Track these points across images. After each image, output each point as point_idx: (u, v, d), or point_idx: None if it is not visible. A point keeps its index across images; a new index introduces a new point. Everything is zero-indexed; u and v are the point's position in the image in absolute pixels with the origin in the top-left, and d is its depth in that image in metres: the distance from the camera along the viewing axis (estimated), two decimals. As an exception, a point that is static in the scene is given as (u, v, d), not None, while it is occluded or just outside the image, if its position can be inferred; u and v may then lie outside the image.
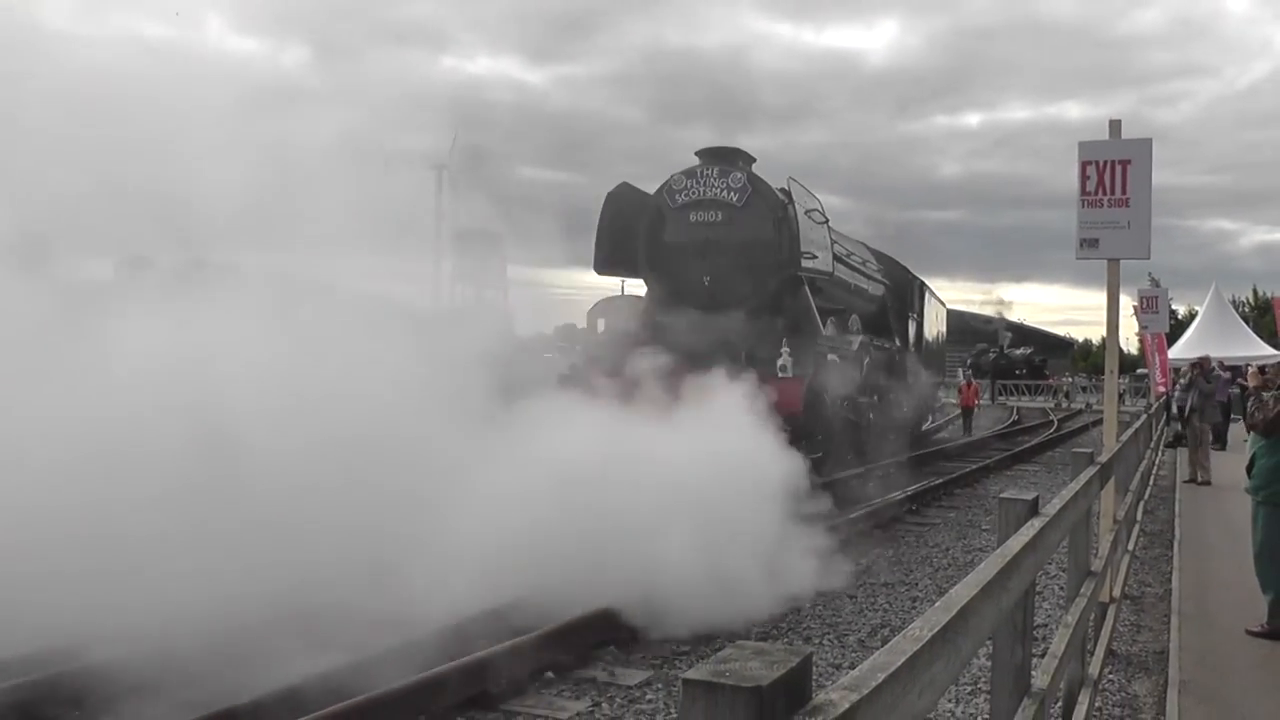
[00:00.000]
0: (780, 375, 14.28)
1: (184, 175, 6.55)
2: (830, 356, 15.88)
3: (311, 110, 10.54)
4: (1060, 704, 5.47)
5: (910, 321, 25.64)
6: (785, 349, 14.53)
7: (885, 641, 2.03)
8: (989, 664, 4.21)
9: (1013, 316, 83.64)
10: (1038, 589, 6.38)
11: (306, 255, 8.24)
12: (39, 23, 6.16)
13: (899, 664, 1.89)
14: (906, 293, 25.54)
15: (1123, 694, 7.20)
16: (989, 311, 77.19)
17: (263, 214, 7.11)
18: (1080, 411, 48.41)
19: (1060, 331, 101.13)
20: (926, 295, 28.01)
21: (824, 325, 17.09)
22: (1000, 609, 2.97)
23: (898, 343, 23.85)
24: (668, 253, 16.53)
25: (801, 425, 13.62)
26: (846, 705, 1.63)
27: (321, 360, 8.54)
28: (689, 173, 16.46)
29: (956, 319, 76.37)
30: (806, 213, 16.45)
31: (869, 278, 22.43)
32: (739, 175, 16.24)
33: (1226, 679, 7.15)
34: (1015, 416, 43.51)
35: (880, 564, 11.44)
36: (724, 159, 16.53)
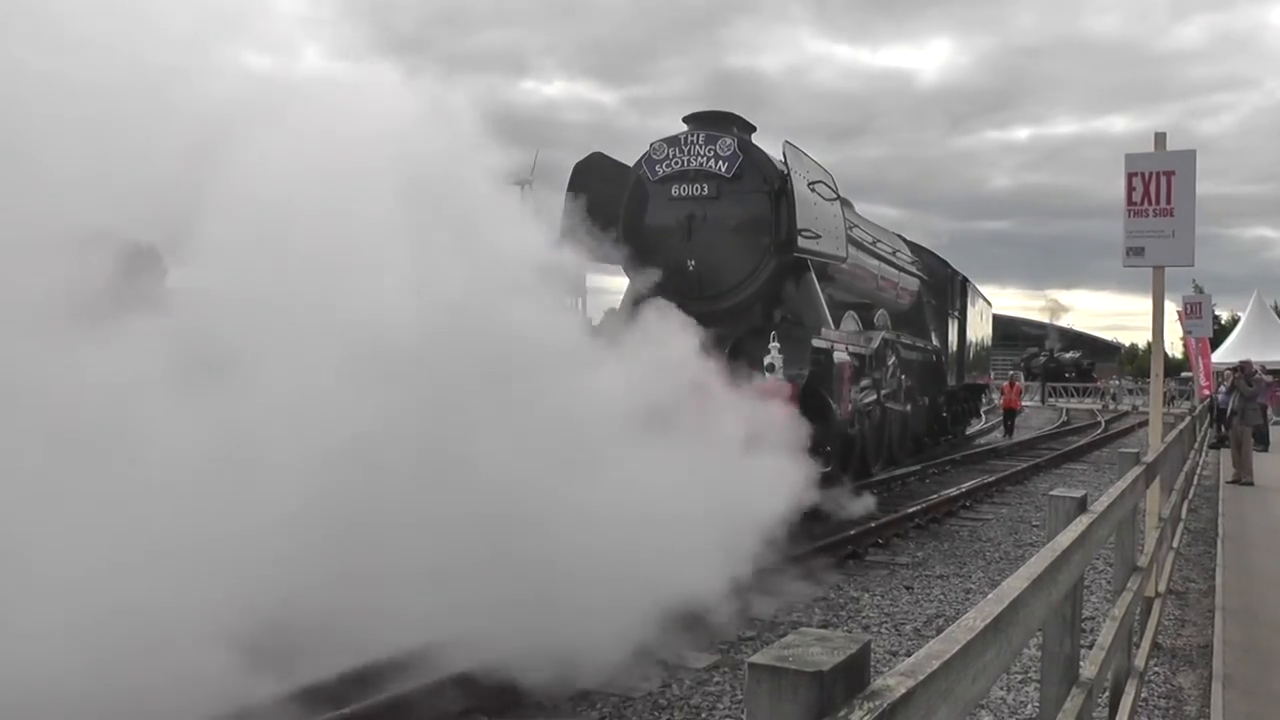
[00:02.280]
0: (769, 377, 11.33)
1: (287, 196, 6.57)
2: (840, 356, 12.77)
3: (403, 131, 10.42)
4: (1108, 694, 5.38)
5: (950, 320, 22.85)
6: (774, 345, 11.42)
7: (940, 631, 2.02)
8: (1039, 654, 4.16)
9: (1068, 319, 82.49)
10: (1086, 583, 6.29)
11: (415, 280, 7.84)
12: (151, 59, 6.22)
13: (953, 652, 1.88)
14: (946, 289, 22.71)
15: (1168, 686, 7.06)
16: (1044, 315, 76.17)
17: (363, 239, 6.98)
18: (1127, 413, 47.52)
19: (1108, 336, 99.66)
20: (969, 293, 25.00)
21: (841, 320, 14.55)
22: (1050, 601, 2.94)
23: (935, 342, 21.40)
24: (648, 234, 13.19)
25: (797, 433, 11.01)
26: (903, 690, 1.63)
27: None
28: (672, 140, 13.09)
29: (1006, 324, 75.70)
30: (811, 186, 13.06)
31: (900, 269, 19.49)
32: (728, 142, 12.81)
33: (1270, 673, 6.99)
34: (1064, 418, 42.82)
35: (935, 557, 11.34)
36: (714, 124, 13.19)
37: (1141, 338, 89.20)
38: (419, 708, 5.71)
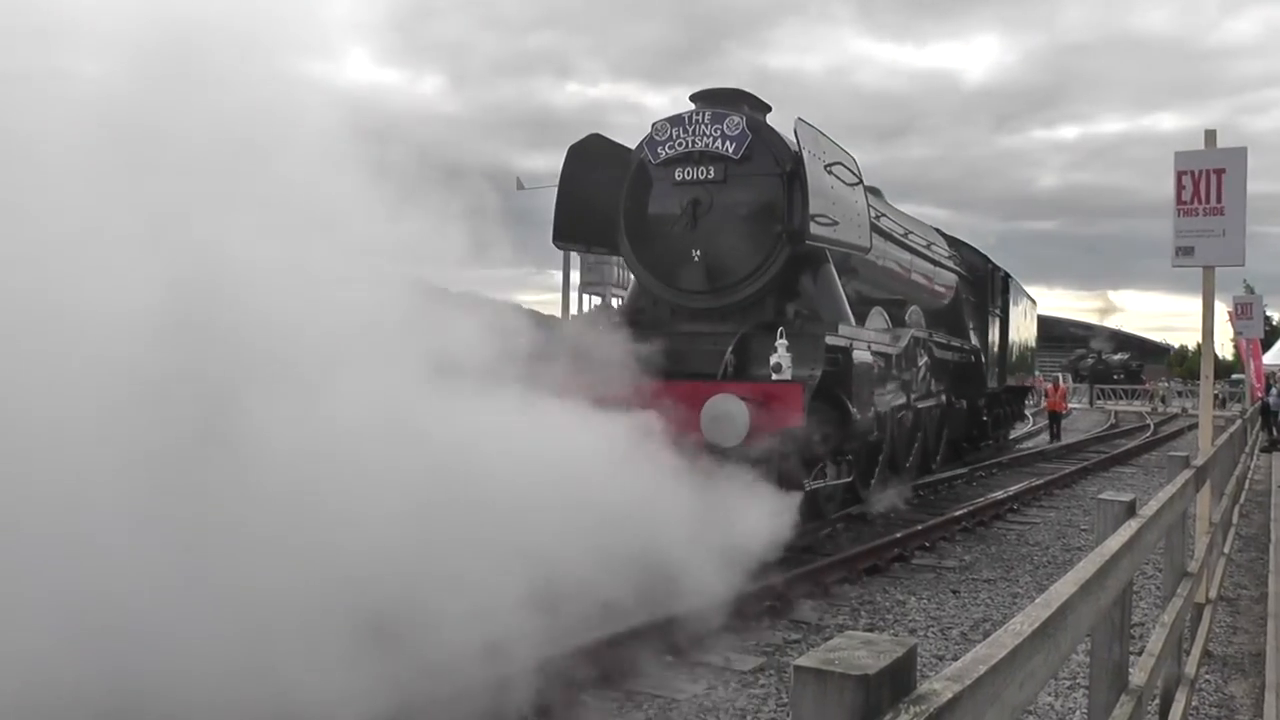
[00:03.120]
0: (775, 378, 9.98)
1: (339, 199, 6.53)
2: (861, 355, 11.42)
3: (449, 134, 10.30)
4: (1157, 702, 5.31)
5: (991, 318, 21.55)
6: (781, 342, 10.04)
7: (987, 635, 2.00)
8: (1087, 660, 4.11)
9: (1116, 320, 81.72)
10: (1135, 588, 6.21)
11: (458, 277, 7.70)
12: (200, 72, 6.21)
13: (1000, 657, 1.86)
14: (986, 285, 21.41)
15: (1219, 694, 6.95)
16: (1096, 315, 75.51)
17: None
18: (1176, 416, 46.87)
19: (1157, 337, 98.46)
20: (1012, 290, 23.52)
21: (867, 317, 13.20)
22: (1098, 606, 2.91)
23: (974, 342, 20.06)
24: (651, 223, 11.97)
25: (806, 441, 10.06)
26: (949, 695, 1.62)
27: None
28: (675, 119, 11.74)
29: (1053, 324, 74.92)
30: (828, 168, 11.56)
31: (936, 264, 18.13)
32: (736, 120, 11.44)
33: (1324, 679, 6.86)
34: (1113, 420, 42.32)
35: (982, 561, 11.25)
36: (722, 102, 11.84)
37: (1191, 339, 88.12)
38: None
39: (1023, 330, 25.24)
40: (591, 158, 12.41)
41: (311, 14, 7.14)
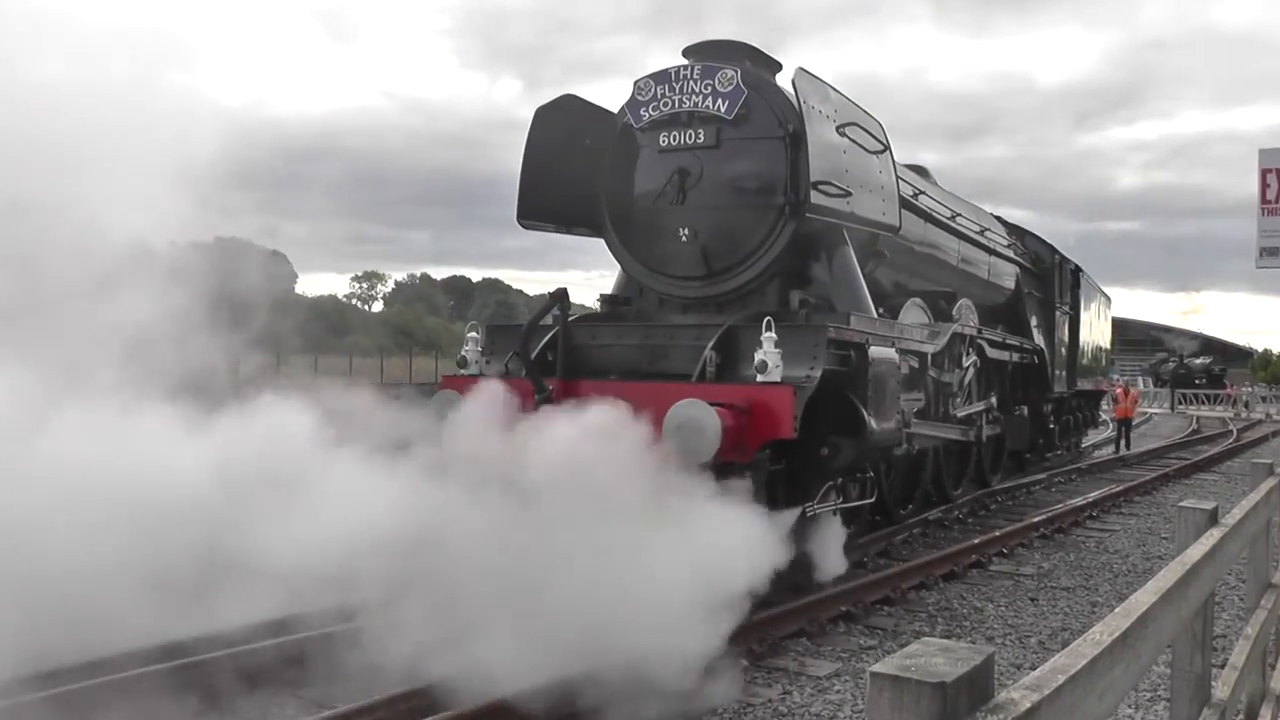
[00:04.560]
0: (760, 379, 8.12)
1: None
2: (882, 353, 9.34)
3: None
4: (1241, 717, 5.19)
5: (1059, 316, 19.60)
6: (769, 335, 8.16)
7: (1066, 644, 1.98)
8: (1168, 671, 4.04)
9: (1201, 320, 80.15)
10: (1217, 599, 6.07)
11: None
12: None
13: (1079, 666, 1.85)
14: (1053, 279, 19.42)
15: (1307, 706, 6.77)
16: (1183, 316, 74.00)
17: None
18: (1260, 421, 45.62)
19: (1240, 340, 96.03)
20: (1083, 285, 21.47)
21: (901, 310, 11.43)
22: (1179, 617, 2.87)
23: (1038, 341, 18.00)
24: (635, 197, 10.10)
25: (801, 453, 8.56)
26: (1028, 705, 1.62)
27: None
28: (660, 76, 9.78)
29: (1133, 327, 73.36)
30: (841, 129, 9.60)
31: (991, 252, 16.22)
32: (730, 74, 9.50)
33: None
34: (1194, 426, 41.34)
35: (1061, 568, 11.07)
36: (717, 56, 9.85)
37: (1276, 342, 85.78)
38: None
39: (1095, 329, 23.36)
40: (566, 122, 10.51)
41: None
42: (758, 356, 8.15)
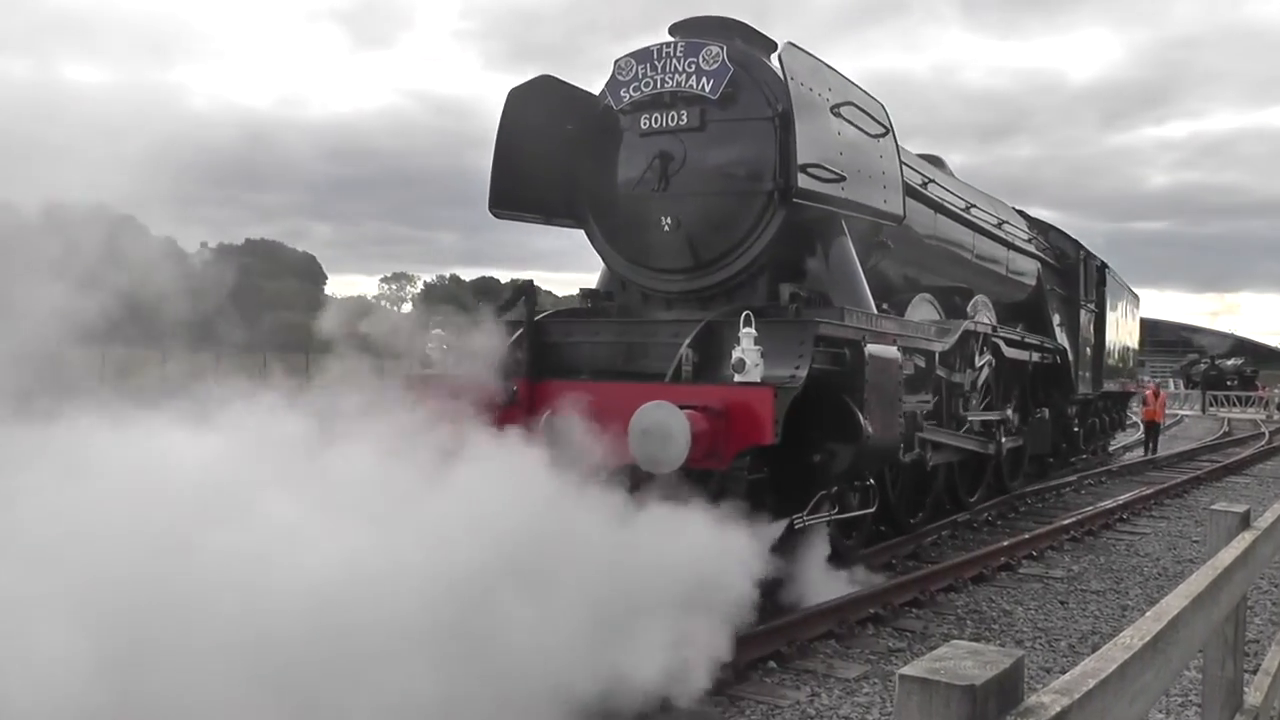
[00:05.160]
0: (738, 379, 7.46)
1: None
2: (880, 351, 8.63)
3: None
4: (1274, 720, 5.14)
5: (1083, 314, 18.72)
6: (747, 331, 7.53)
7: (1096, 648, 1.97)
8: (1199, 677, 4.01)
9: (1232, 321, 79.45)
10: (1249, 603, 6.02)
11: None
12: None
13: (1110, 671, 1.84)
14: (1077, 275, 18.55)
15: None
16: (1208, 318, 73.31)
17: None
18: (1294, 424, 45.13)
19: (1272, 341, 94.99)
20: (1109, 282, 20.61)
21: (909, 305, 10.91)
22: (1211, 621, 2.85)
23: (1061, 340, 17.19)
24: (617, 185, 9.43)
25: (791, 460, 7.98)
26: (1058, 709, 1.61)
27: None
28: (642, 54, 9.11)
29: (1163, 328, 72.67)
30: (836, 109, 8.94)
31: (1010, 246, 15.37)
32: (715, 51, 8.80)
33: None
34: (1226, 428, 40.92)
35: (1091, 571, 10.99)
36: (705, 33, 9.18)
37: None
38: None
39: (1122, 329, 22.47)
40: (544, 105, 9.71)
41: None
42: (735, 354, 7.51)
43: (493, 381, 8.24)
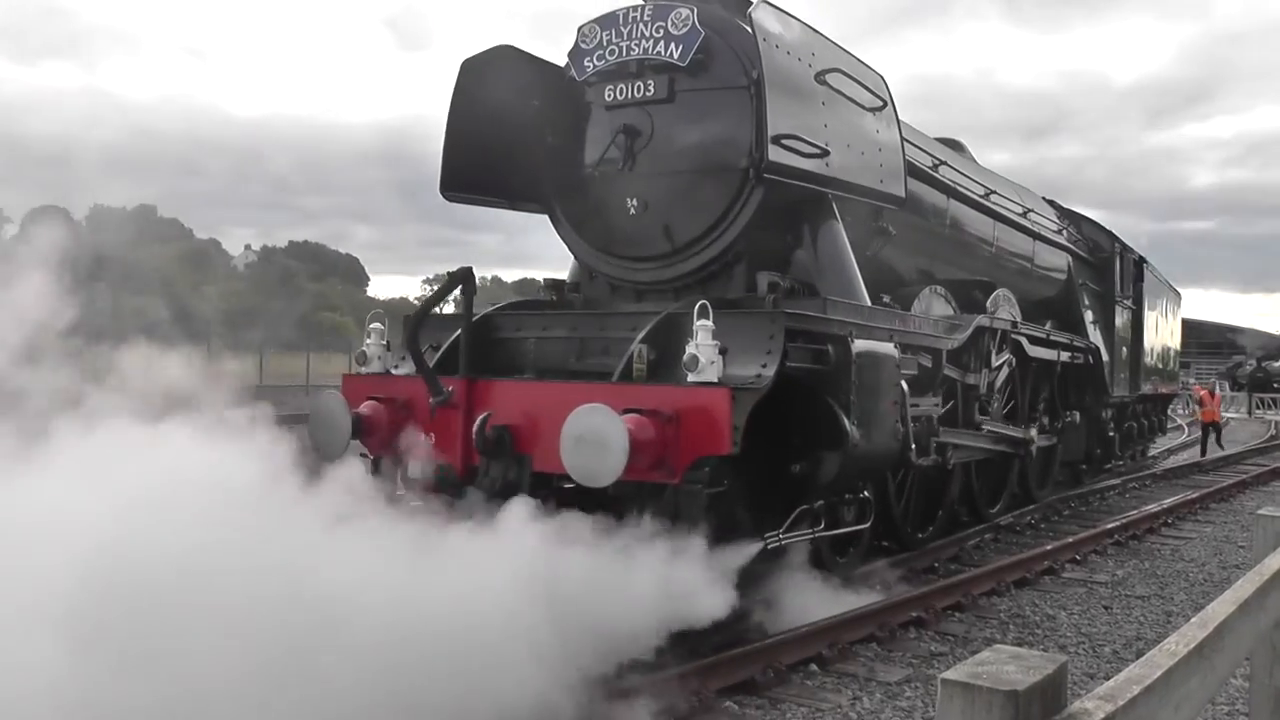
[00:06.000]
0: (691, 379, 6.50)
1: None
2: (871, 347, 7.65)
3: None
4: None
5: (1119, 311, 17.53)
6: (703, 324, 6.55)
7: (1140, 654, 1.95)
8: (1246, 685, 3.95)
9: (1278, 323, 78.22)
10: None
11: None
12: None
13: (1154, 678, 1.83)
14: (1111, 270, 17.37)
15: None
16: (1256, 318, 72.08)
17: None
18: (1344, 427, 44.33)
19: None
20: (1148, 278, 19.36)
21: (915, 298, 9.91)
22: (1258, 628, 2.81)
23: (1094, 339, 15.91)
24: (582, 164, 8.50)
25: (767, 471, 7.20)
26: (1102, 715, 1.60)
27: None
28: (607, 19, 8.24)
29: (1208, 329, 71.59)
30: (820, 76, 7.93)
31: (1036, 237, 14.42)
32: (684, 14, 7.88)
33: None
34: (1273, 431, 40.28)
35: (1135, 576, 10.86)
36: None
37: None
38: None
39: (1162, 327, 21.24)
40: (504, 79, 8.75)
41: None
42: (689, 350, 6.55)
43: (430, 382, 7.48)
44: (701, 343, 6.53)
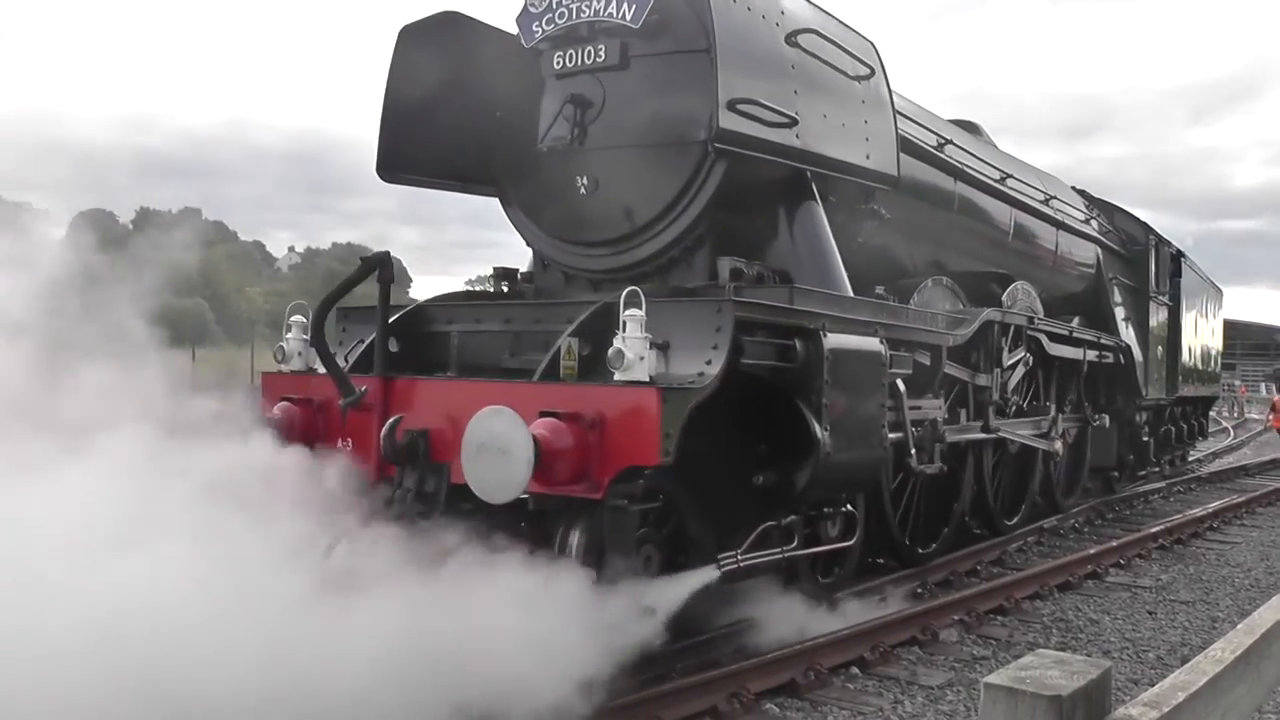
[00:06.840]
0: (617, 378, 5.56)
1: None
2: (845, 343, 6.69)
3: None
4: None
5: (1154, 308, 16.25)
6: (631, 315, 5.61)
7: (1185, 660, 1.93)
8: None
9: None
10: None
11: None
12: None
13: (1200, 684, 1.81)
14: (1145, 264, 16.10)
15: None
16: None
17: None
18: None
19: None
20: (1186, 273, 17.93)
21: (915, 290, 9.20)
22: (1306, 634, 2.76)
23: (1125, 338, 14.64)
24: (532, 140, 7.54)
25: (724, 483, 6.39)
26: (1147, 721, 1.59)
27: None
28: None
29: (1251, 329, 70.48)
30: (792, 37, 7.18)
31: (1059, 226, 13.30)
32: None
33: None
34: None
35: (1180, 581, 10.72)
36: None
37: None
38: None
39: (1202, 327, 19.95)
40: (449, 48, 7.83)
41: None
42: (614, 344, 5.62)
43: (338, 381, 6.55)
44: (629, 335, 5.60)
